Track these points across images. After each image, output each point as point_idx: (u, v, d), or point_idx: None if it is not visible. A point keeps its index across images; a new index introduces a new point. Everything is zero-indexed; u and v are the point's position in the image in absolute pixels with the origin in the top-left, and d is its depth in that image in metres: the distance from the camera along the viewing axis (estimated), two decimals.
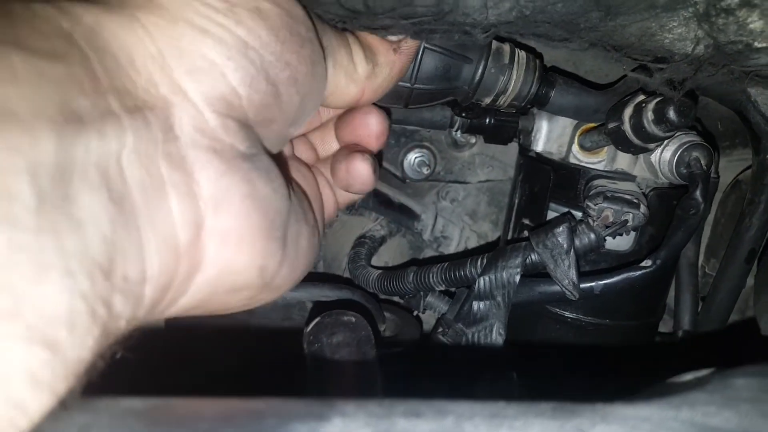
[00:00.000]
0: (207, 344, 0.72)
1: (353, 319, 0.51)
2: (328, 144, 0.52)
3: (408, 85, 0.60)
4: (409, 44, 0.47)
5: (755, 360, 0.33)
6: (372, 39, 0.45)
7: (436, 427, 0.22)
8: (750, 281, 0.79)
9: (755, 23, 0.48)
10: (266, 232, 0.34)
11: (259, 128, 0.35)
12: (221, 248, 0.31)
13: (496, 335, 0.63)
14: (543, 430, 0.23)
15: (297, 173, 0.45)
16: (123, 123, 0.27)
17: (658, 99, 0.57)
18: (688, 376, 0.33)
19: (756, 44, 0.49)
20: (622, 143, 0.61)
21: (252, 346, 0.62)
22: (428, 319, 0.85)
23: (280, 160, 0.39)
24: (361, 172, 0.47)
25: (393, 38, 0.46)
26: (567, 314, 0.69)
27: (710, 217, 0.84)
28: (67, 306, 0.22)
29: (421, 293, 0.74)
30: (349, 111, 0.49)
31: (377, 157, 0.50)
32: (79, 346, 0.23)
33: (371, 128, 0.48)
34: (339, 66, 0.42)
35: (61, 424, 0.21)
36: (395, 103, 0.63)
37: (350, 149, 0.48)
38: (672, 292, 0.80)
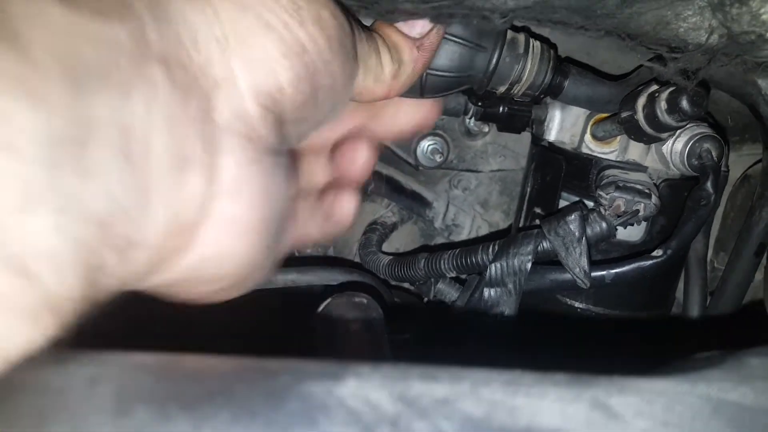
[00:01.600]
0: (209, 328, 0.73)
1: (364, 300, 0.51)
2: (318, 172, 0.51)
3: (422, 75, 0.61)
4: (431, 40, 0.48)
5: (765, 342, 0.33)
6: (396, 37, 0.46)
7: (453, 391, 0.22)
8: (759, 276, 0.79)
9: None
10: (266, 228, 0.34)
11: (290, 126, 0.36)
12: (222, 234, 0.32)
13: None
14: (559, 399, 0.24)
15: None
16: (158, 91, 0.27)
17: (671, 89, 0.57)
18: (702, 356, 0.33)
19: None
20: (634, 132, 0.61)
21: (261, 328, 0.62)
22: None
23: (294, 163, 0.39)
24: (347, 206, 0.48)
25: (416, 34, 0.47)
26: (577, 304, 0.70)
27: (719, 212, 0.84)
28: (53, 242, 0.22)
29: (432, 280, 0.74)
30: (342, 142, 0.50)
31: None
32: (63, 285, 0.23)
33: (358, 163, 0.50)
34: (369, 70, 0.42)
35: (68, 375, 0.21)
36: (411, 93, 0.64)
37: (340, 182, 0.49)
38: (681, 286, 0.80)
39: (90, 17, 0.25)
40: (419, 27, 0.47)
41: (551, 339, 0.67)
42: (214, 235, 0.31)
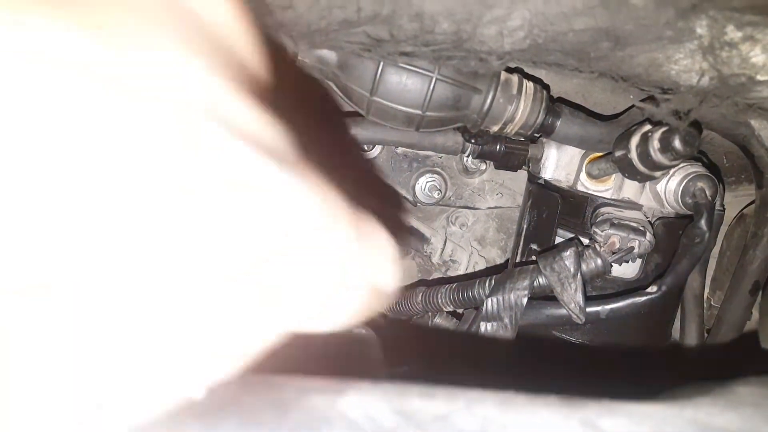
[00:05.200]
0: None
1: (362, 332, 0.52)
2: None
3: (420, 112, 0.63)
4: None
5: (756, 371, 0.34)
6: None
7: (448, 407, 0.23)
8: (755, 314, 0.79)
9: (757, 57, 0.50)
10: None
11: None
12: None
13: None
14: (550, 419, 0.25)
15: None
16: None
17: (664, 129, 0.59)
18: (692, 384, 0.34)
19: (758, 77, 0.51)
20: (628, 171, 0.62)
21: None
22: None
23: None
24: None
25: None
26: (573, 339, 0.70)
27: (716, 250, 0.85)
28: None
29: (429, 314, 0.75)
30: None
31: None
32: None
33: None
34: None
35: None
36: (407, 127, 0.66)
37: None
38: (677, 324, 0.81)
39: None
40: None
41: (546, 369, 0.68)
42: None
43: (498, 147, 0.74)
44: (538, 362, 0.69)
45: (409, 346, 0.75)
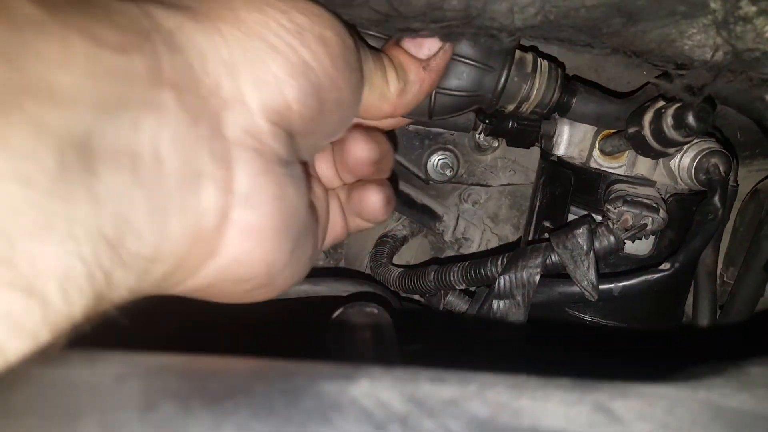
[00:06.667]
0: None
1: (375, 311, 0.52)
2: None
3: (431, 96, 0.62)
4: (438, 61, 0.50)
5: None
6: (403, 57, 0.48)
7: (460, 392, 0.23)
8: None
9: None
10: (283, 233, 0.37)
11: (299, 138, 0.39)
12: (241, 240, 0.34)
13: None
14: (562, 402, 0.25)
15: (314, 189, 0.48)
16: (169, 115, 0.29)
17: (677, 105, 0.58)
18: (705, 365, 0.34)
19: None
20: (641, 148, 0.62)
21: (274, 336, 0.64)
22: None
23: (306, 172, 0.42)
24: (373, 202, 0.50)
25: (423, 55, 0.49)
26: (586, 317, 0.70)
27: (729, 226, 0.84)
28: (63, 264, 0.24)
29: (442, 292, 0.75)
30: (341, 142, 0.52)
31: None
32: (69, 303, 0.24)
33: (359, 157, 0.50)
34: (374, 88, 0.45)
35: (98, 373, 0.22)
36: (420, 116, 0.65)
37: (367, 180, 0.51)
38: (690, 300, 0.80)
39: (111, 52, 0.27)
40: (426, 48, 0.49)
41: (559, 349, 0.68)
42: (235, 241, 0.34)
43: (510, 124, 0.73)
44: (550, 342, 0.70)
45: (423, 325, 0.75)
